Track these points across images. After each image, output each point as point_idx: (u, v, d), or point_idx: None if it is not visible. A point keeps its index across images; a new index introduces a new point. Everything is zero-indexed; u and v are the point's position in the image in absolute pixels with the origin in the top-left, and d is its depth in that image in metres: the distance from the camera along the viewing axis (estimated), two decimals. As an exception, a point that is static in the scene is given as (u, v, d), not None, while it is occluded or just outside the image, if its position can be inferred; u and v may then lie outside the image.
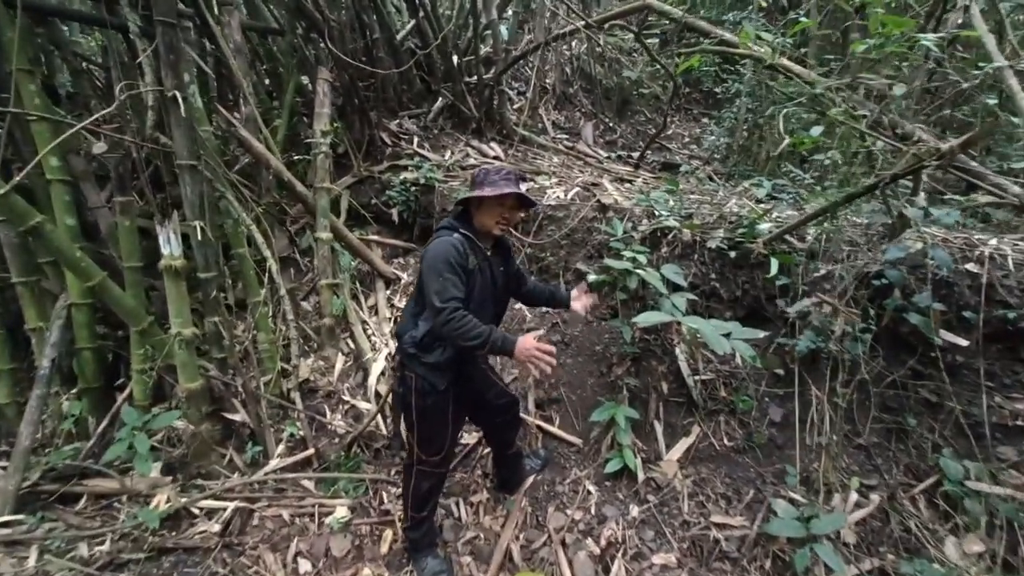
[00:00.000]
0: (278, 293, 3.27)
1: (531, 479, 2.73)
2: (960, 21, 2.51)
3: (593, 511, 2.51)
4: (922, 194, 2.38)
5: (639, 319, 2.04)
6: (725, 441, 2.69)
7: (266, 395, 2.99)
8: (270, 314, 3.52)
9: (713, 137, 7.04)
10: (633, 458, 2.62)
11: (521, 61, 7.46)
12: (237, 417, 3.00)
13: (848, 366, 2.54)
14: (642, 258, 2.52)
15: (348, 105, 4.86)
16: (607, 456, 2.70)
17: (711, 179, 5.38)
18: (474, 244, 1.96)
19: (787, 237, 2.88)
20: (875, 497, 2.34)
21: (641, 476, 2.59)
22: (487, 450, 2.88)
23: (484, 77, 5.70)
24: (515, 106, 6.73)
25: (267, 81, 4.95)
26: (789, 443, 2.62)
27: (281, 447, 3.00)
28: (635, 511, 2.46)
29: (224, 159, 3.26)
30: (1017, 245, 2.80)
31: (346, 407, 3.38)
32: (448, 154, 5.04)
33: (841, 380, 2.56)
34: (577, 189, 4.04)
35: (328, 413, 3.33)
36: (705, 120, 8.30)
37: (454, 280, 1.81)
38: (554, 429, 2.93)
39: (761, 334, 2.46)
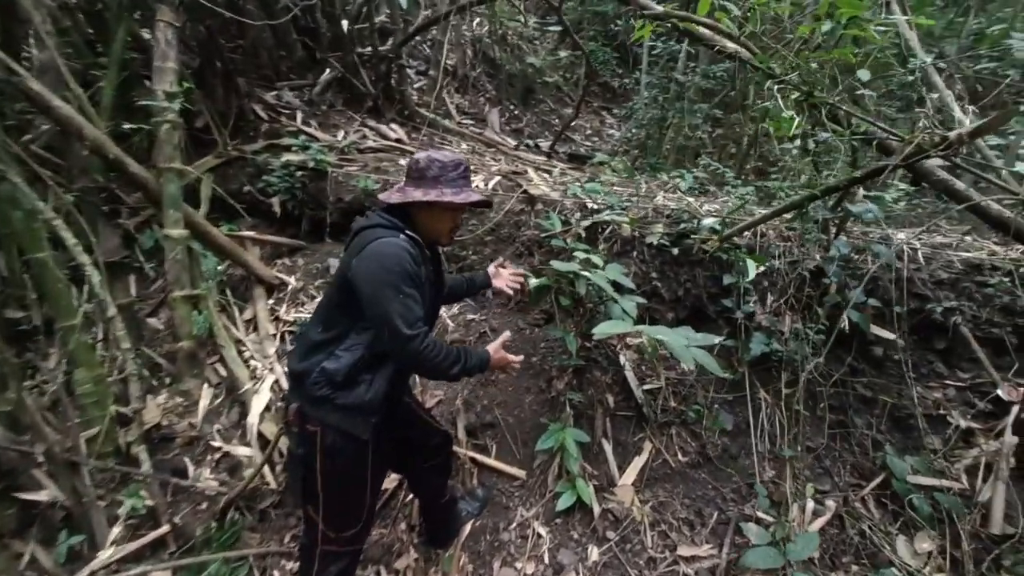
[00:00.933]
0: (106, 312, 2.37)
1: (468, 526, 2.27)
2: (883, 15, 2.50)
3: (547, 560, 2.12)
4: (860, 190, 2.34)
5: (599, 331, 1.68)
6: (679, 456, 2.47)
7: (88, 459, 2.12)
8: (98, 340, 2.59)
9: (617, 132, 7.08)
10: (586, 489, 2.27)
11: (418, 39, 6.81)
12: (42, 496, 2.11)
13: (796, 367, 2.46)
14: (597, 259, 2.16)
15: (208, 67, 3.89)
16: (556, 489, 2.32)
17: (617, 171, 5.29)
18: (422, 250, 1.51)
19: (724, 233, 2.73)
20: (831, 503, 2.26)
21: (597, 509, 2.26)
22: (411, 496, 2.35)
23: (381, 49, 4.99)
24: (415, 86, 6.09)
25: (89, 29, 3.75)
26: (743, 452, 2.47)
27: (117, 528, 2.17)
28: (595, 554, 2.12)
29: (5, 124, 2.26)
30: (921, 239, 2.95)
31: (216, 456, 2.61)
32: (341, 134, 4.28)
33: (789, 381, 2.47)
34: (498, 179, 3.60)
35: (191, 468, 2.53)
36: (605, 113, 8.39)
37: (416, 297, 1.42)
38: (491, 461, 2.49)
39: (717, 340, 2.24)
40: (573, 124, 6.78)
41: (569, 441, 2.30)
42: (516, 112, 7.25)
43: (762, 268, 2.63)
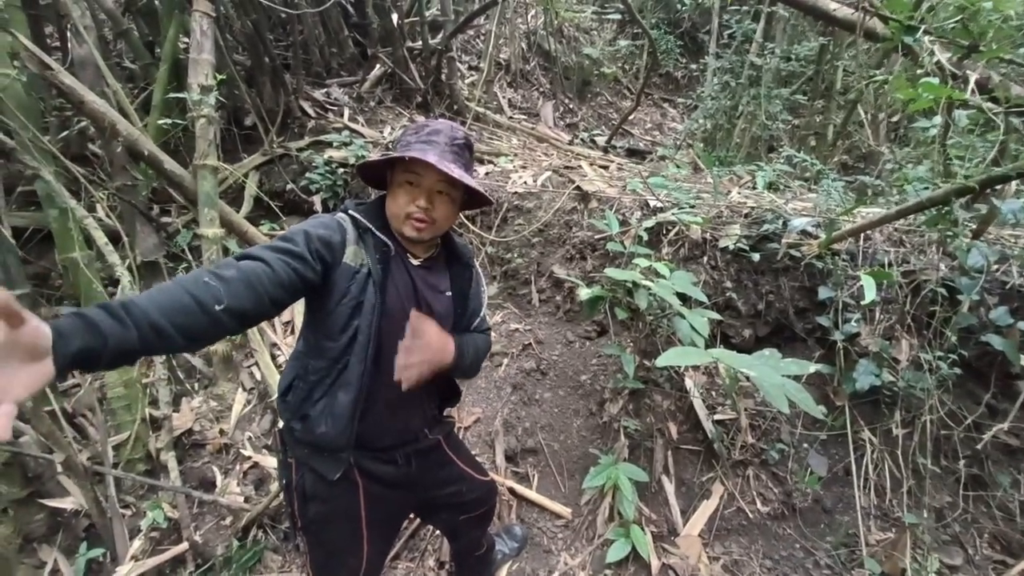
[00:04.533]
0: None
1: (504, 570, 1.98)
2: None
3: (594, 622, 1.80)
4: (1014, 184, 1.83)
5: (663, 361, 1.35)
6: (758, 505, 2.05)
7: (111, 468, 2.03)
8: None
9: (679, 125, 6.54)
10: (643, 537, 1.92)
11: (471, 32, 6.62)
12: (67, 504, 2.04)
13: (912, 404, 1.98)
14: (663, 268, 1.80)
15: (257, 65, 3.86)
16: (607, 535, 1.99)
17: (681, 166, 4.80)
18: (374, 238, 1.15)
19: (829, 237, 2.26)
20: (964, 584, 1.77)
21: (655, 563, 1.90)
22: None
23: (431, 43, 4.82)
24: (467, 80, 5.89)
25: (146, 30, 3.82)
26: (841, 506, 2.02)
27: (138, 542, 2.07)
28: (652, 620, 1.77)
29: (45, 121, 2.23)
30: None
31: (245, 467, 2.48)
32: (388, 130, 4.13)
33: (904, 421, 1.99)
34: (548, 174, 3.29)
35: (219, 478, 2.42)
36: (666, 105, 7.84)
37: (281, 251, 0.99)
38: (532, 494, 2.19)
39: (812, 367, 1.83)
40: (632, 117, 6.33)
41: (623, 480, 1.95)
42: (571, 106, 6.90)
43: (884, 286, 2.12)
